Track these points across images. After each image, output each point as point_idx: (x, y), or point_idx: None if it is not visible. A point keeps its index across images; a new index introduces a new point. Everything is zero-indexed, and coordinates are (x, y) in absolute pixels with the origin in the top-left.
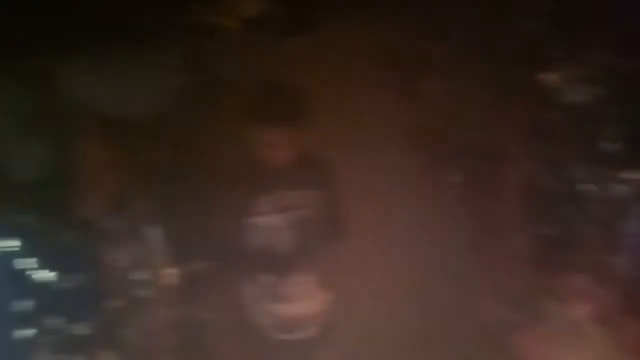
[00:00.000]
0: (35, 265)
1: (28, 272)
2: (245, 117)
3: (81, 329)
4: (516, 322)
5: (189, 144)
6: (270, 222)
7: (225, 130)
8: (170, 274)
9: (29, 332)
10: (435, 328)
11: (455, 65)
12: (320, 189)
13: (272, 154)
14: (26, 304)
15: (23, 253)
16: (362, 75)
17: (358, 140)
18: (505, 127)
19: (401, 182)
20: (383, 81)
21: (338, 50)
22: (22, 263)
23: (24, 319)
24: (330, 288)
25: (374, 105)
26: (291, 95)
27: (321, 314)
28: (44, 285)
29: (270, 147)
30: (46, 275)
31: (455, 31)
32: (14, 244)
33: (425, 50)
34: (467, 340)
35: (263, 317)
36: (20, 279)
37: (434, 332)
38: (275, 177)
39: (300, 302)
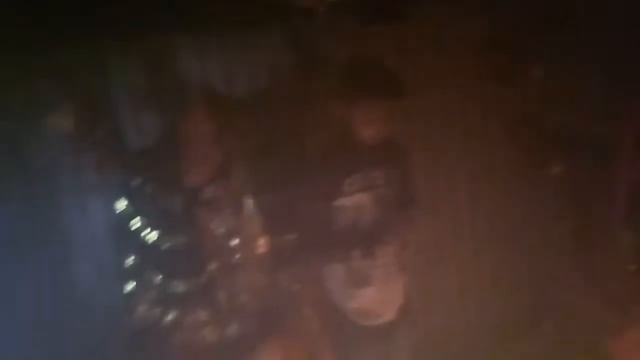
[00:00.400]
0: (141, 226)
1: (134, 232)
2: (343, 95)
3: (177, 287)
4: (614, 325)
5: (286, 121)
6: (356, 201)
7: (321, 109)
8: (262, 244)
9: (131, 286)
10: (523, 323)
11: (564, 52)
12: (399, 168)
13: (367, 132)
14: (130, 261)
15: (131, 214)
16: (462, 61)
17: (454, 125)
18: (618, 120)
19: (498, 172)
20: (484, 67)
21: (437, 37)
22: (129, 223)
23: (128, 274)
24: (412, 273)
25: (472, 91)
26: (388, 73)
27: (401, 298)
28: (147, 245)
29: (366, 124)
30: (150, 235)
31: (566, 15)
32: (123, 205)
33: (532, 36)
34: (556, 339)
35: (345, 300)
36: (127, 237)
37: (521, 327)
38: (362, 156)
39: (381, 285)
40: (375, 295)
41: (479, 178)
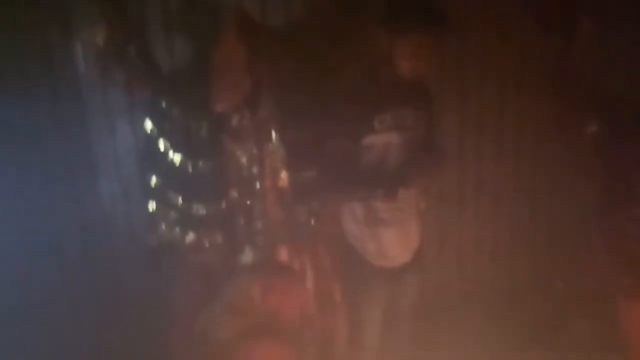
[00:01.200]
0: (166, 148)
1: (159, 154)
2: (386, 26)
3: (198, 210)
4: (629, 287)
5: (321, 53)
6: (384, 140)
7: (357, 42)
8: (283, 176)
9: (154, 206)
10: (535, 280)
11: (617, 6)
12: (428, 111)
13: (407, 66)
14: (154, 182)
15: (157, 136)
16: (508, 4)
17: (490, 71)
18: None
19: (529, 126)
20: (531, 12)
21: None
22: (155, 145)
23: (151, 194)
24: (430, 219)
25: (514, 37)
26: (434, 6)
27: (417, 242)
28: (171, 167)
29: (407, 58)
30: (174, 157)
31: None
32: (150, 126)
33: None
34: (568, 298)
35: (361, 239)
36: (152, 158)
37: (533, 284)
38: (394, 94)
39: (399, 228)
40: (392, 237)
41: (508, 130)
